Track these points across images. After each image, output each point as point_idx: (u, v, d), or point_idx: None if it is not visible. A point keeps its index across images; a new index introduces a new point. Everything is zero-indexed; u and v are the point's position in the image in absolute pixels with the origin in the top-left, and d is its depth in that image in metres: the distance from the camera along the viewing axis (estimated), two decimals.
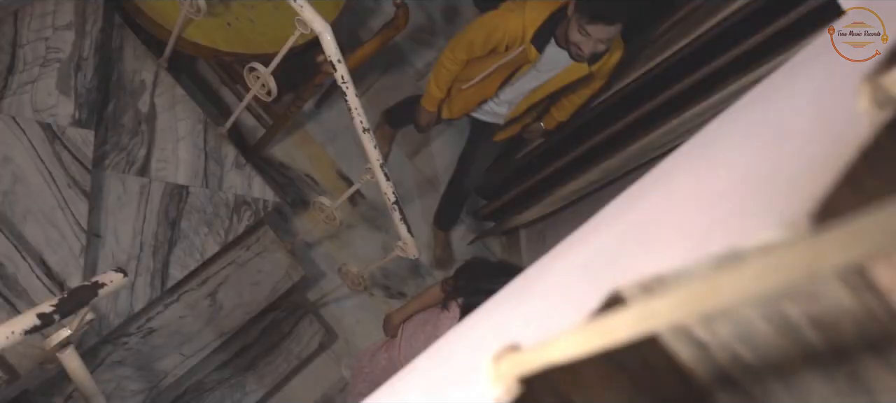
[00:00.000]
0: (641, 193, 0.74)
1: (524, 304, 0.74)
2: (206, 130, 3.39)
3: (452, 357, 0.77)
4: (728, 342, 0.50)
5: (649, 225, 0.67)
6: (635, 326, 0.45)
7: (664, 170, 0.73)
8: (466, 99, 3.42)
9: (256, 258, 3.58)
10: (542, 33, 3.00)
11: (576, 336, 0.48)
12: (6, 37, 2.98)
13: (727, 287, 0.40)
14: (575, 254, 0.76)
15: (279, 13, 3.36)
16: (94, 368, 3.03)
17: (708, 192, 0.62)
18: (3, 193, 2.80)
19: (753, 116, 0.65)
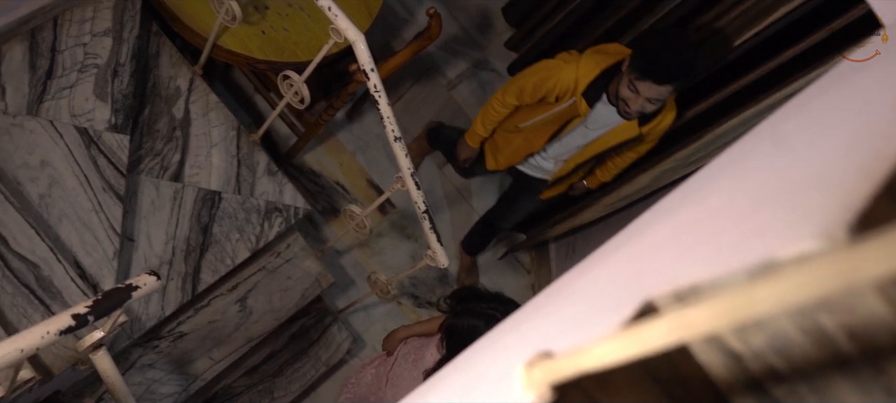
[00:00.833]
0: (675, 204, 0.74)
1: (556, 313, 0.74)
2: (239, 137, 3.42)
3: (484, 364, 0.78)
4: (762, 352, 0.49)
5: (683, 237, 0.67)
6: (670, 335, 0.45)
7: (698, 181, 0.73)
8: (514, 151, 3.38)
9: (286, 264, 3.60)
10: (594, 88, 2.95)
11: (610, 344, 0.48)
12: (46, 42, 3.03)
13: (763, 296, 0.40)
14: (607, 264, 0.76)
15: (313, 22, 3.38)
16: (124, 370, 3.06)
17: (743, 203, 0.62)
18: (40, 196, 2.84)
19: (790, 127, 0.65)
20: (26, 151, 2.87)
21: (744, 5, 3.17)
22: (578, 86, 2.96)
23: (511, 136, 3.35)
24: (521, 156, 3.39)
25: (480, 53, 4.89)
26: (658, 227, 0.73)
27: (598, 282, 0.74)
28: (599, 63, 2.96)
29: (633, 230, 0.78)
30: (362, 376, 3.02)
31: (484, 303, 2.48)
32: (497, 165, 3.51)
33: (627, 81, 2.80)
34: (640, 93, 2.77)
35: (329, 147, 4.28)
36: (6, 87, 2.91)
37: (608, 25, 4.05)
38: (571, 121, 3.06)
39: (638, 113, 2.89)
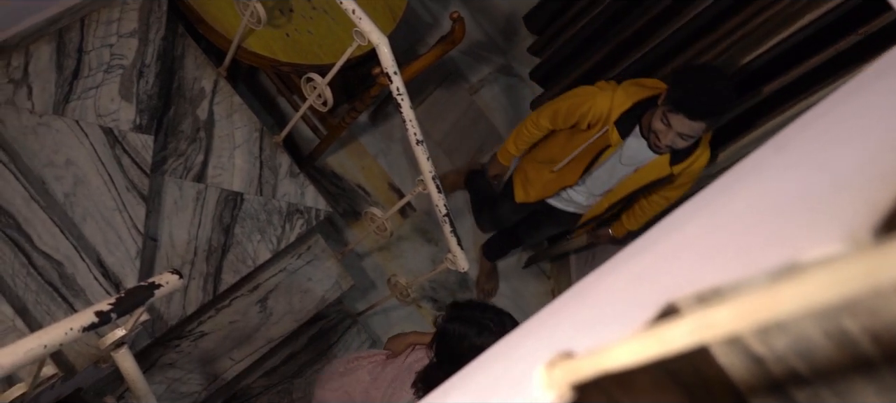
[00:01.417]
0: (698, 209, 0.74)
1: (577, 315, 0.74)
2: (262, 139, 3.44)
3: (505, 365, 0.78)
4: (784, 355, 0.49)
5: (705, 240, 0.67)
6: (692, 335, 0.45)
7: (722, 185, 0.73)
8: (545, 183, 3.35)
9: (307, 266, 3.61)
10: (627, 118, 2.92)
11: (631, 344, 0.48)
12: (72, 42, 3.06)
13: (787, 297, 0.40)
14: (629, 268, 0.76)
15: (337, 25, 3.40)
16: (145, 369, 3.08)
17: (766, 207, 0.62)
18: (65, 195, 2.87)
19: (814, 132, 0.65)
20: (52, 150, 2.90)
21: (770, 11, 3.16)
22: (611, 115, 2.93)
23: (542, 168, 3.32)
24: (553, 190, 3.35)
25: (503, 58, 4.89)
26: (680, 231, 0.73)
27: (619, 285, 0.74)
28: (635, 94, 2.93)
29: (655, 234, 0.78)
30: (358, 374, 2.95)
31: (478, 313, 2.47)
32: (527, 197, 3.48)
33: (661, 114, 2.77)
34: (672, 126, 2.73)
35: (351, 150, 4.29)
36: (33, 87, 2.94)
37: (630, 32, 4.05)
38: (603, 153, 3.02)
39: (668, 148, 2.85)
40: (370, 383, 2.80)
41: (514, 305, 4.42)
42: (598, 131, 2.96)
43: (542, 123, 3.17)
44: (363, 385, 2.82)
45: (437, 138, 4.50)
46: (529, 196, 3.46)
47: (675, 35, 3.78)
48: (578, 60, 4.42)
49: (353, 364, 2.96)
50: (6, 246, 2.62)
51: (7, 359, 1.59)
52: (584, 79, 4.36)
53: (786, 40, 3.13)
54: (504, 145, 3.42)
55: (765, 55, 3.23)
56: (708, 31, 3.55)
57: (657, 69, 3.87)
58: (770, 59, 3.22)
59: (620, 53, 4.14)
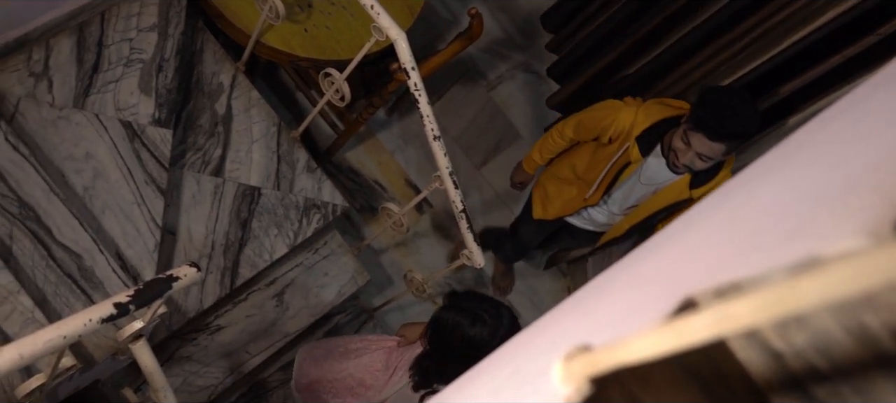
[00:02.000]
0: (717, 204, 0.74)
1: (595, 309, 0.74)
2: (279, 134, 3.45)
3: (522, 358, 0.78)
4: (804, 351, 0.49)
5: (724, 235, 0.67)
6: (712, 328, 0.45)
7: (741, 181, 0.73)
8: (565, 201, 3.32)
9: (323, 261, 3.62)
10: (648, 135, 2.89)
11: (650, 337, 0.48)
12: (93, 37, 3.08)
13: (808, 289, 0.40)
14: (647, 262, 0.76)
15: (355, 21, 3.40)
16: (162, 362, 3.10)
17: (786, 203, 0.62)
18: (84, 188, 2.89)
19: (836, 128, 0.64)
20: (72, 143, 2.92)
21: (790, 9, 3.14)
22: (633, 130, 2.90)
23: (562, 185, 3.29)
24: (574, 208, 3.30)
25: (521, 55, 4.88)
26: (699, 227, 0.73)
27: (637, 280, 0.74)
28: (658, 113, 2.90)
29: (673, 230, 0.78)
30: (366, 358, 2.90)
31: (475, 303, 2.45)
32: (545, 214, 3.44)
33: (682, 132, 2.73)
34: (691, 145, 2.69)
35: (368, 145, 4.30)
36: (53, 80, 2.96)
37: (647, 30, 4.03)
38: (624, 171, 2.99)
39: (685, 168, 2.80)
40: (382, 369, 2.79)
41: (529, 302, 4.42)
42: (620, 147, 2.93)
43: (567, 133, 3.15)
44: (373, 370, 2.81)
45: (455, 134, 4.51)
46: (548, 212, 3.43)
47: (691, 34, 3.77)
48: (596, 57, 4.41)
49: (358, 346, 2.93)
50: (26, 239, 2.64)
51: (27, 350, 1.61)
52: (602, 75, 4.35)
53: (803, 40, 3.11)
54: (529, 153, 3.40)
55: (782, 54, 3.21)
56: (725, 30, 3.53)
57: (674, 68, 3.86)
58: (787, 58, 3.20)
59: (638, 51, 4.12)
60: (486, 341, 2.38)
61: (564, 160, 3.26)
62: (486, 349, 2.39)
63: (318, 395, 2.93)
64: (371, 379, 2.80)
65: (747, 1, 3.44)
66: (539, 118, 4.76)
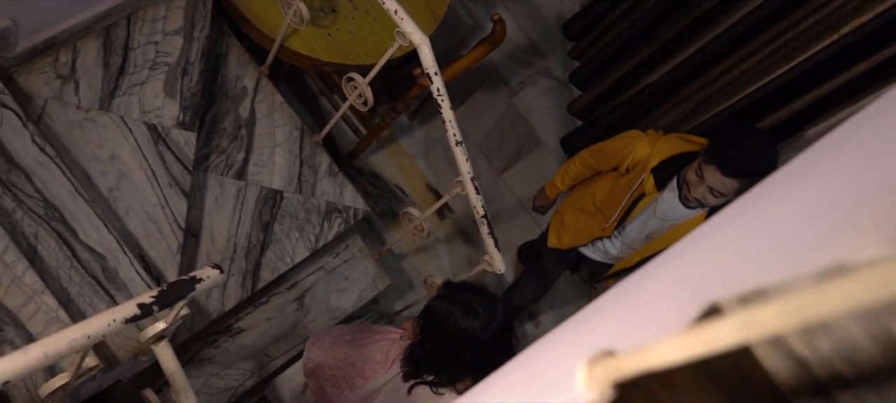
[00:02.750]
0: (741, 210, 0.74)
1: (618, 315, 0.74)
2: (302, 137, 3.47)
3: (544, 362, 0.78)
4: (829, 358, 0.49)
5: (748, 242, 0.66)
6: (737, 333, 0.44)
7: (765, 188, 0.72)
8: (578, 231, 3.27)
9: (344, 265, 3.63)
10: (665, 168, 2.84)
11: (674, 343, 0.48)
12: (119, 39, 3.11)
13: (834, 296, 0.39)
14: (670, 269, 0.75)
15: (379, 26, 3.41)
16: (183, 363, 3.11)
17: (811, 210, 0.61)
18: (109, 189, 2.92)
19: (864, 134, 0.64)
20: (97, 145, 2.95)
21: (816, 16, 3.12)
22: (650, 161, 2.86)
23: (580, 215, 3.25)
24: (587, 238, 3.25)
25: (543, 61, 4.88)
26: (723, 233, 0.73)
27: (660, 286, 0.73)
28: (677, 147, 2.85)
29: (697, 236, 0.78)
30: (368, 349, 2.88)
31: (469, 295, 2.41)
32: (559, 243, 3.39)
33: (697, 165, 2.67)
34: (704, 178, 2.63)
35: (390, 150, 4.31)
36: (80, 83, 2.99)
37: (669, 37, 4.03)
38: (639, 202, 2.94)
39: (696, 201, 2.73)
40: (381, 361, 2.76)
41: (549, 308, 4.41)
42: (636, 178, 2.90)
43: (588, 160, 3.12)
44: (373, 361, 2.79)
45: (476, 140, 4.51)
46: (562, 242, 3.37)
47: (714, 42, 3.75)
48: (618, 63, 4.41)
49: (363, 335, 2.92)
50: (51, 239, 2.67)
51: (52, 349, 1.62)
52: (624, 81, 4.35)
53: (828, 47, 3.09)
54: (552, 179, 3.39)
55: (808, 62, 3.19)
56: (748, 38, 3.52)
57: (696, 77, 3.85)
58: (813, 65, 3.18)
59: (659, 58, 4.12)
60: (477, 334, 2.35)
61: (585, 190, 3.23)
62: (476, 342, 2.38)
63: (321, 382, 2.93)
64: (370, 371, 2.78)
65: (771, 8, 3.43)
66: (561, 124, 4.76)
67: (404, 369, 2.59)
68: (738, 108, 3.50)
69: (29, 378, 2.36)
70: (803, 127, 3.19)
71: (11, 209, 2.64)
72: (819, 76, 3.13)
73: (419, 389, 2.51)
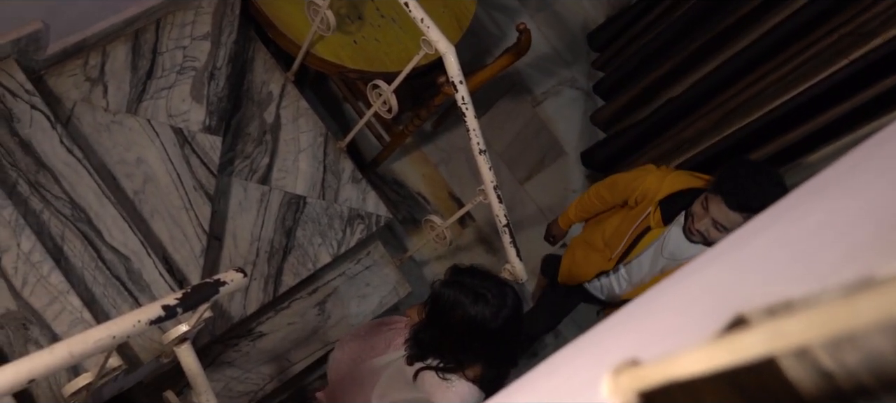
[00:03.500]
0: (769, 222, 0.73)
1: (643, 324, 0.74)
2: (326, 143, 3.48)
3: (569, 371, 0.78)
4: (855, 371, 0.49)
5: (775, 254, 0.66)
6: (765, 344, 0.45)
7: (794, 199, 0.72)
8: (586, 267, 3.21)
9: (366, 271, 3.64)
10: (672, 201, 2.81)
11: (701, 353, 0.48)
12: (148, 44, 3.14)
13: (863, 309, 0.40)
14: (697, 279, 0.75)
15: (404, 34, 3.43)
16: (205, 366, 3.12)
17: (840, 223, 0.61)
18: (134, 192, 2.95)
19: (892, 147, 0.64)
20: (124, 148, 2.98)
21: (842, 31, 3.10)
22: (658, 193, 2.83)
23: (589, 252, 3.20)
24: (591, 272, 3.19)
25: (568, 72, 4.88)
26: (750, 244, 0.73)
27: (685, 296, 0.73)
28: (687, 182, 2.83)
29: (723, 247, 0.78)
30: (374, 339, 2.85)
31: (478, 280, 2.30)
32: (567, 279, 3.36)
33: (703, 197, 2.65)
34: (708, 211, 2.60)
35: (413, 157, 4.32)
36: (108, 86, 3.03)
37: (695, 48, 4.02)
38: (645, 236, 2.90)
39: (700, 235, 2.69)
40: (383, 347, 2.74)
41: (570, 320, 4.39)
42: (643, 211, 2.87)
43: (602, 192, 3.08)
44: (378, 350, 2.77)
45: (499, 149, 4.51)
46: (571, 277, 3.33)
47: (738, 56, 3.74)
48: (641, 75, 4.40)
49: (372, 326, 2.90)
50: (77, 240, 2.70)
51: (77, 348, 1.64)
52: (647, 93, 4.34)
53: (854, 63, 3.07)
54: (566, 210, 3.35)
55: (832, 77, 3.17)
56: (773, 53, 3.50)
57: (720, 90, 3.83)
58: (837, 81, 3.16)
59: (683, 71, 4.11)
60: (487, 321, 2.26)
61: (596, 225, 3.18)
62: (486, 330, 2.28)
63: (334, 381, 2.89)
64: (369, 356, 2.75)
65: (796, 23, 3.41)
66: (584, 135, 4.75)
67: (408, 352, 2.52)
68: (761, 124, 3.48)
69: (53, 377, 2.38)
70: (827, 142, 3.17)
71: (39, 209, 2.67)
72: (845, 91, 3.10)
73: (425, 375, 2.44)
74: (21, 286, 2.49)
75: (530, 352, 4.20)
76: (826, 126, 3.17)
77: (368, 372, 2.69)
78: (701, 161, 3.76)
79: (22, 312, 2.47)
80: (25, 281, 2.50)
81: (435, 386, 2.41)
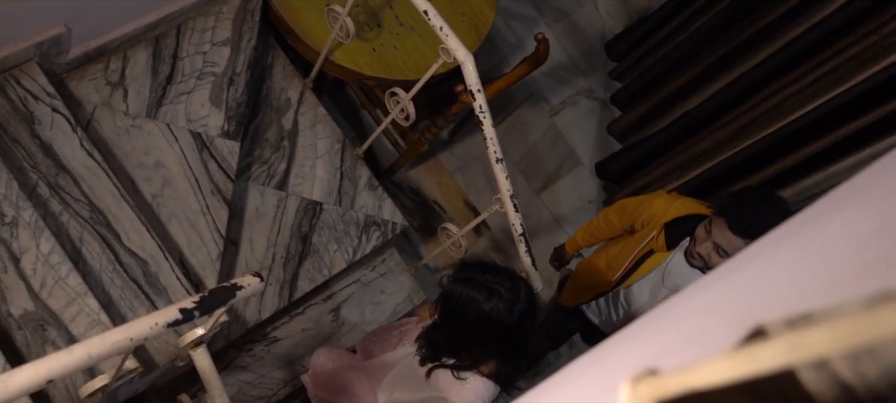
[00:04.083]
0: (789, 234, 0.73)
1: (662, 334, 0.74)
2: (343, 150, 3.50)
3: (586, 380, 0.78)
4: (875, 384, 0.49)
5: (795, 266, 0.66)
6: (785, 356, 0.45)
7: (815, 211, 0.72)
8: (588, 286, 3.16)
9: (380, 278, 3.65)
10: (677, 226, 2.77)
11: (720, 363, 0.48)
12: (168, 49, 3.16)
13: (886, 321, 0.40)
14: (716, 290, 0.76)
15: (423, 42, 3.44)
16: (219, 370, 3.13)
17: (861, 236, 0.61)
18: (153, 195, 2.97)
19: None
20: (143, 152, 3.00)
21: (863, 44, 3.09)
22: (665, 216, 2.80)
23: (592, 273, 3.15)
24: (590, 293, 3.15)
25: (585, 81, 4.88)
26: (769, 256, 0.73)
27: (705, 306, 0.73)
28: (694, 208, 2.80)
29: (743, 258, 0.78)
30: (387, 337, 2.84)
31: (489, 275, 2.24)
32: (570, 300, 3.32)
33: (707, 220, 2.61)
34: (711, 234, 2.55)
35: (429, 165, 4.33)
36: (129, 90, 3.05)
37: (713, 60, 4.01)
38: (648, 260, 2.86)
39: (700, 259, 2.64)
40: (395, 345, 2.73)
41: None
42: (647, 234, 2.83)
43: (611, 216, 3.05)
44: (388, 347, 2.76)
45: (515, 158, 4.51)
46: (572, 298, 3.30)
47: (757, 69, 3.73)
48: (659, 87, 4.40)
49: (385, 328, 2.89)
50: (96, 242, 2.72)
51: (95, 350, 1.65)
52: (663, 105, 4.33)
53: (876, 75, 3.05)
54: (573, 235, 3.31)
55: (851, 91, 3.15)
56: (792, 65, 3.49)
57: (739, 102, 3.82)
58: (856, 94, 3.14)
59: (702, 82, 4.10)
60: (502, 318, 2.21)
61: (602, 250, 3.13)
62: (501, 326, 2.23)
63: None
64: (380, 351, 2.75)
65: (816, 36, 3.40)
66: (601, 145, 4.74)
67: (421, 352, 2.49)
68: (779, 136, 3.47)
69: (69, 379, 2.40)
70: (846, 155, 3.15)
71: (58, 212, 2.69)
72: (864, 104, 3.09)
73: (439, 373, 2.41)
74: (39, 287, 2.51)
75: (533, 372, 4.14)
76: (845, 139, 3.15)
77: (378, 367, 2.70)
78: (717, 174, 3.75)
79: (40, 313, 2.49)
80: (44, 282, 2.52)
81: (449, 385, 2.39)
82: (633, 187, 4.30)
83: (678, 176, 3.96)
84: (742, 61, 3.84)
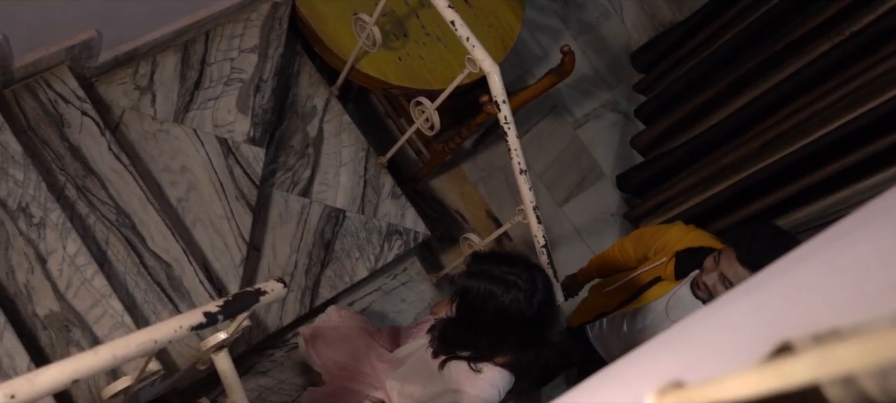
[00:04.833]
0: (816, 250, 0.73)
1: (686, 348, 0.74)
2: (367, 159, 3.51)
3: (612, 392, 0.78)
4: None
5: (823, 282, 0.66)
6: (812, 371, 0.45)
7: (842, 228, 0.72)
8: (594, 308, 3.15)
9: (401, 287, 3.65)
10: (688, 256, 2.75)
11: (747, 377, 0.49)
12: (197, 55, 3.19)
13: None
14: (742, 304, 0.75)
15: (448, 52, 3.45)
16: (239, 375, 3.15)
17: (888, 251, 0.61)
18: (178, 200, 2.99)
19: None
20: (169, 156, 3.03)
21: (892, 61, 3.06)
22: (677, 244, 2.79)
23: (599, 296, 3.16)
24: (592, 314, 3.13)
25: (609, 94, 4.87)
26: (797, 271, 0.72)
27: (732, 321, 0.73)
28: (708, 241, 2.77)
29: (770, 272, 0.78)
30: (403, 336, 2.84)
31: (505, 267, 2.22)
32: (576, 319, 3.30)
33: (717, 251, 2.59)
34: (719, 264, 2.53)
35: (452, 175, 4.33)
36: (157, 95, 3.08)
37: (740, 74, 3.99)
38: (654, 286, 2.83)
39: (706, 290, 2.60)
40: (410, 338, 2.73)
41: None
42: (658, 260, 2.81)
43: (626, 245, 3.03)
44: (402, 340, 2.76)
45: (539, 170, 4.51)
46: (577, 317, 3.28)
47: (783, 84, 3.71)
48: (683, 101, 4.38)
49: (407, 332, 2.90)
50: (121, 245, 2.74)
51: (120, 351, 1.66)
52: (687, 120, 4.31)
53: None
54: (587, 264, 3.31)
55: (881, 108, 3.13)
56: (820, 81, 3.47)
57: (764, 118, 3.80)
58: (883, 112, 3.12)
59: (727, 97, 4.08)
60: (522, 309, 2.18)
61: (614, 278, 3.10)
62: (522, 317, 2.20)
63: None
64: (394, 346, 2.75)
65: (844, 52, 3.38)
66: (624, 159, 4.73)
67: (434, 345, 2.48)
68: (804, 153, 3.44)
69: (93, 380, 2.42)
70: (874, 172, 3.12)
71: (85, 214, 2.72)
72: (893, 121, 3.06)
73: (453, 365, 2.40)
74: (65, 288, 2.54)
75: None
76: (873, 155, 3.13)
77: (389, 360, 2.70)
78: (740, 189, 3.73)
79: (65, 314, 2.52)
80: (69, 283, 2.55)
81: (464, 376, 2.37)
82: (654, 201, 4.28)
83: (701, 190, 3.94)
84: (769, 75, 3.82)
